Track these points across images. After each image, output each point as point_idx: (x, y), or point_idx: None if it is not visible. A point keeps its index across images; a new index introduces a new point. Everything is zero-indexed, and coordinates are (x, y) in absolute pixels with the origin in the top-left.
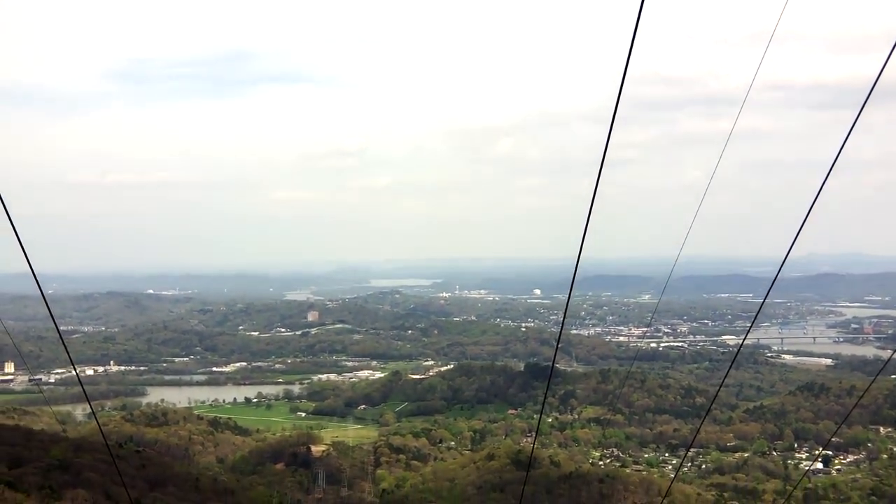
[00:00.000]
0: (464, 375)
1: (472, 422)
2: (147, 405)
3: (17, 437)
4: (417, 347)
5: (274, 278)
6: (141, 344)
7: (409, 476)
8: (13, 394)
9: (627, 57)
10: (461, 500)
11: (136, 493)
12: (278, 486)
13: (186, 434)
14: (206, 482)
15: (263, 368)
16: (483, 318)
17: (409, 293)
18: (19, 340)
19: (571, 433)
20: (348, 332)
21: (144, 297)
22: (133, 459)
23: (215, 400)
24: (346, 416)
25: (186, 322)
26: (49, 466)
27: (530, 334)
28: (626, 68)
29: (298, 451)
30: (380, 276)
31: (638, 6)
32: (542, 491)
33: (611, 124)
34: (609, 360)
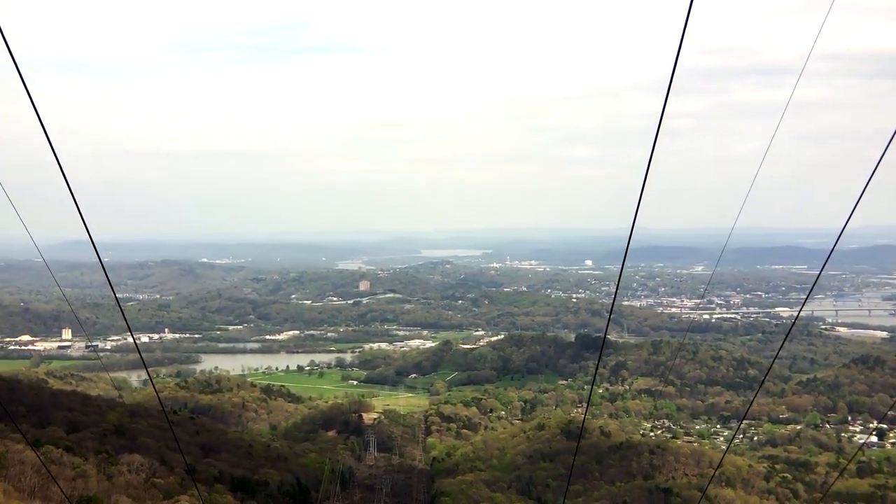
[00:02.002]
0: (514, 346)
1: (522, 392)
2: (201, 372)
3: (75, 403)
4: (468, 317)
5: (326, 247)
6: (195, 312)
7: (460, 445)
8: (70, 360)
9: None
10: (511, 470)
11: (190, 459)
12: (330, 453)
13: (240, 401)
14: (259, 449)
15: (316, 337)
16: (534, 288)
17: (460, 263)
18: (76, 307)
19: (622, 404)
20: (399, 302)
21: (198, 266)
22: (187, 426)
23: (268, 368)
24: (396, 385)
25: (240, 290)
26: (105, 431)
27: (581, 305)
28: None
29: (350, 419)
30: (431, 247)
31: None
32: (593, 461)
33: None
34: (661, 332)
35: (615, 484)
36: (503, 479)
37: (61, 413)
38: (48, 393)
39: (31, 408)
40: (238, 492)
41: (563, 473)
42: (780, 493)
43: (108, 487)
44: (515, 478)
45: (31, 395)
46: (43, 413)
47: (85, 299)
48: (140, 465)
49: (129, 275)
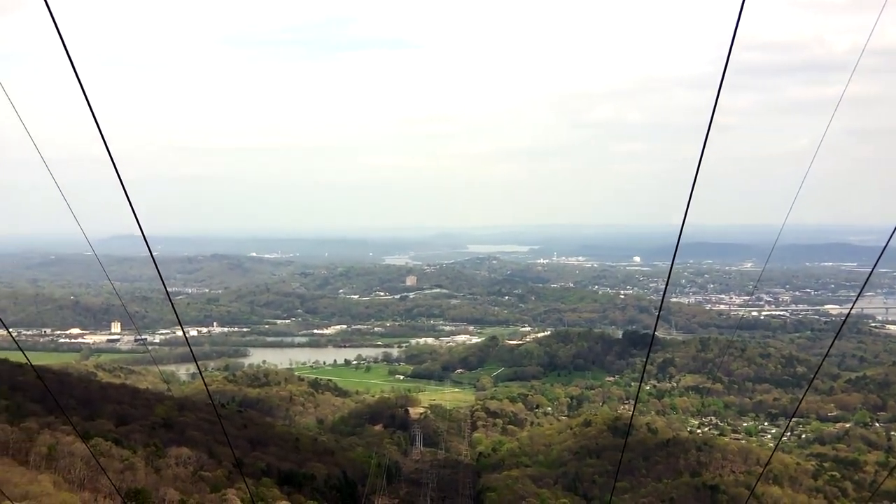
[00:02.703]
0: (561, 342)
1: (568, 388)
2: (249, 366)
3: (124, 396)
4: (514, 313)
5: (373, 243)
6: (243, 306)
7: (506, 440)
8: (119, 353)
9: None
10: (557, 466)
11: (238, 453)
12: (376, 448)
13: (287, 395)
14: (306, 442)
15: (362, 331)
16: (581, 284)
17: (507, 259)
18: (126, 301)
19: (669, 401)
20: (446, 297)
21: (247, 260)
22: (235, 419)
23: (315, 361)
24: (443, 380)
25: (288, 285)
26: (154, 424)
27: (629, 301)
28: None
29: (396, 413)
30: (477, 242)
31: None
32: (639, 458)
33: (718, 90)
34: (709, 329)
35: (662, 481)
36: (549, 475)
37: (110, 406)
38: (97, 386)
39: (81, 400)
40: (285, 485)
41: (609, 470)
42: (829, 491)
43: (156, 480)
44: (561, 474)
45: (81, 387)
46: (92, 406)
47: (134, 293)
48: (188, 458)
49: (179, 269)
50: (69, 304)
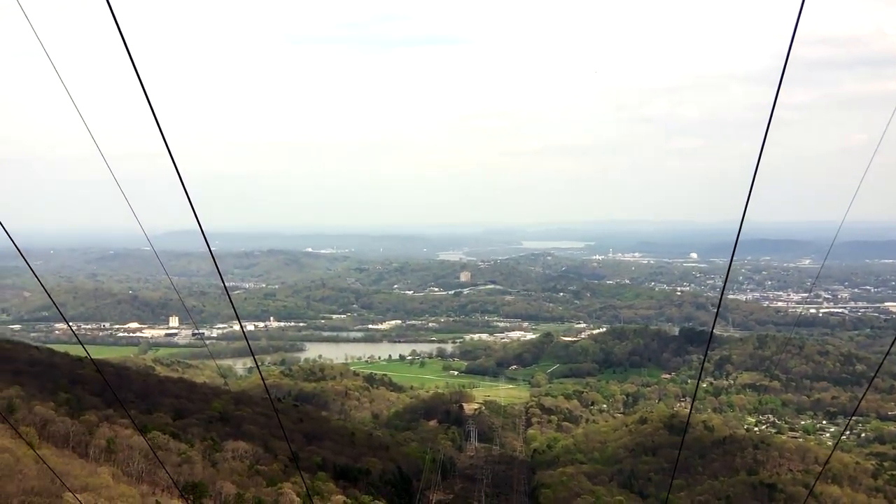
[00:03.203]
0: (616, 339)
1: (624, 385)
2: (305, 361)
3: (181, 390)
4: (569, 310)
5: (427, 238)
6: (300, 301)
7: (561, 437)
8: (177, 347)
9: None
10: (612, 463)
11: (294, 447)
12: (431, 443)
13: (342, 389)
14: (362, 437)
15: (417, 327)
16: (637, 281)
17: (562, 255)
18: (183, 295)
19: (726, 398)
20: (500, 293)
21: (303, 255)
22: (291, 413)
23: (371, 356)
24: (497, 376)
25: (343, 280)
26: (211, 418)
27: (686, 298)
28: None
29: (451, 409)
30: (532, 238)
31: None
32: (695, 455)
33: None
34: (766, 326)
35: (718, 479)
36: (604, 472)
37: (168, 399)
38: (155, 380)
39: (139, 394)
40: (340, 480)
41: (665, 467)
42: (889, 491)
43: (212, 474)
44: (617, 471)
45: (139, 381)
46: (150, 399)
47: (192, 288)
48: (244, 452)
49: (236, 264)
50: (128, 299)
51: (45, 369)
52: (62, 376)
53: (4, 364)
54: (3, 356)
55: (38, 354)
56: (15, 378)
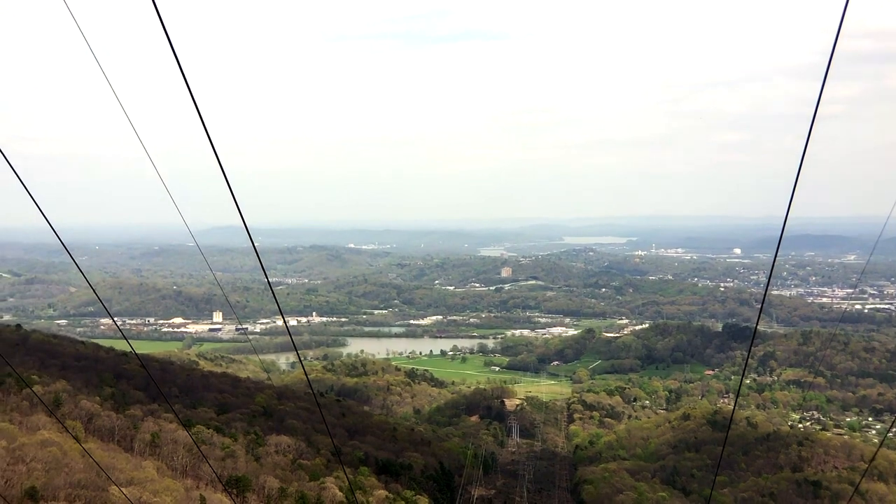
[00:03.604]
0: (659, 335)
1: (667, 381)
2: (347, 356)
3: (225, 384)
4: (611, 305)
5: (468, 234)
6: (342, 296)
7: (603, 433)
8: (221, 342)
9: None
10: (655, 459)
11: (336, 441)
12: (473, 438)
13: (384, 384)
14: (403, 432)
15: (458, 322)
16: (680, 277)
17: (604, 251)
18: (227, 291)
19: (770, 395)
20: (541, 289)
21: (345, 251)
22: (333, 408)
23: (412, 352)
24: (538, 372)
25: (385, 275)
26: (254, 413)
27: (729, 294)
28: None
29: (492, 404)
30: (573, 234)
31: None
32: (739, 452)
33: (823, 79)
34: (811, 322)
35: (762, 476)
36: (647, 469)
37: (212, 394)
38: (199, 374)
39: (183, 389)
40: (383, 474)
41: (708, 464)
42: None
43: (256, 468)
44: (659, 467)
45: (184, 376)
46: (194, 394)
47: (235, 283)
48: (287, 446)
49: (279, 259)
50: (172, 294)
51: (91, 364)
52: (107, 371)
53: (51, 359)
54: (49, 351)
55: (83, 349)
56: (61, 373)
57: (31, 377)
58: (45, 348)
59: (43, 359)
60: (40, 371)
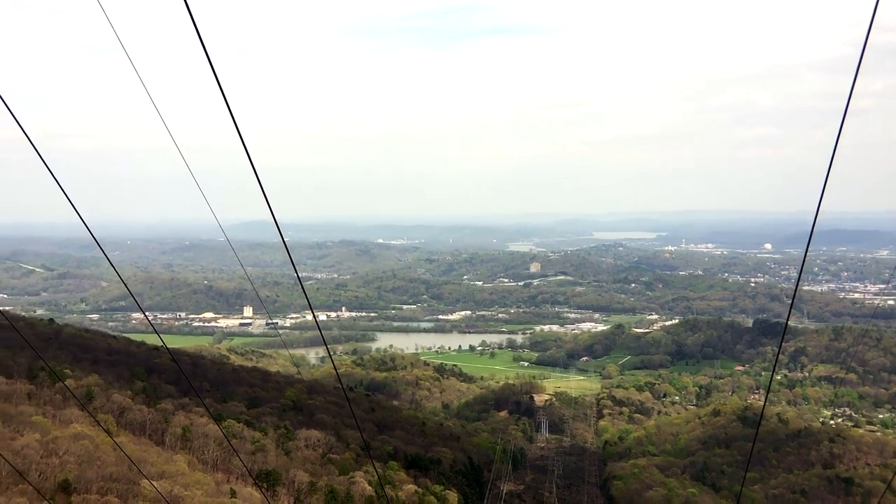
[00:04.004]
0: (689, 330)
1: (696, 377)
2: (376, 350)
3: (255, 379)
4: (641, 301)
5: (497, 229)
6: (371, 291)
7: (632, 429)
8: (251, 337)
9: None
10: (685, 455)
11: (366, 436)
12: (502, 434)
13: (413, 379)
14: (432, 427)
15: (487, 317)
16: (710, 272)
17: (633, 246)
18: (257, 286)
19: (801, 391)
20: (570, 284)
21: (374, 246)
22: (363, 402)
23: (441, 347)
24: (567, 367)
25: (414, 271)
26: (284, 407)
27: (759, 290)
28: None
29: (521, 400)
30: (603, 229)
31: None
32: (769, 448)
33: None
34: (842, 318)
35: (793, 472)
36: (676, 465)
37: (242, 388)
38: (230, 369)
39: (214, 383)
40: (412, 469)
41: (738, 460)
42: None
43: (286, 462)
44: (689, 463)
45: (214, 370)
46: (225, 388)
47: (265, 278)
48: (317, 440)
49: (309, 254)
50: (203, 289)
51: (123, 358)
52: (139, 365)
53: (83, 353)
54: (82, 345)
55: (115, 344)
56: (93, 367)
57: (63, 371)
58: (78, 342)
59: (75, 353)
60: (73, 365)
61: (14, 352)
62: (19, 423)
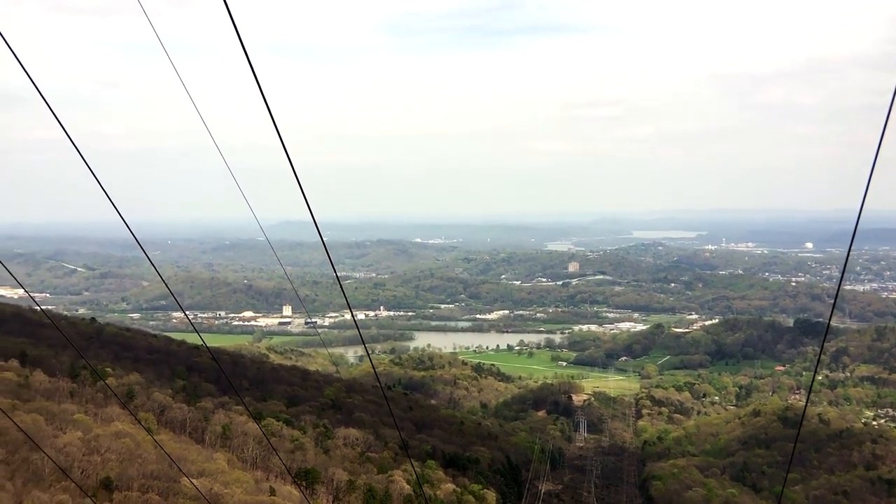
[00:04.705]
0: (729, 330)
1: (736, 377)
2: (414, 349)
3: (294, 377)
4: (680, 301)
5: (535, 228)
6: (409, 290)
7: (671, 429)
8: (290, 335)
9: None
10: (724, 455)
11: (404, 435)
12: (540, 433)
13: (451, 378)
14: (470, 426)
15: (525, 317)
16: (750, 271)
17: (673, 245)
18: (296, 285)
19: (843, 391)
20: (609, 284)
21: (412, 245)
22: (401, 401)
23: (479, 346)
24: (606, 367)
25: (451, 270)
26: (323, 406)
27: (800, 289)
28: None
29: (560, 399)
30: (642, 228)
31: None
32: (811, 449)
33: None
34: (885, 318)
35: (835, 473)
36: (716, 465)
37: (281, 387)
38: (269, 367)
39: (254, 381)
40: (450, 468)
41: (779, 461)
42: None
43: (324, 460)
44: (729, 464)
45: (254, 369)
46: (264, 387)
47: (304, 277)
48: (355, 439)
49: (347, 253)
50: (242, 288)
51: (163, 357)
52: (179, 364)
53: (124, 352)
54: (123, 344)
55: (156, 342)
56: (134, 365)
57: (105, 370)
58: (119, 341)
59: (117, 352)
60: (114, 364)
61: (56, 350)
62: (62, 421)
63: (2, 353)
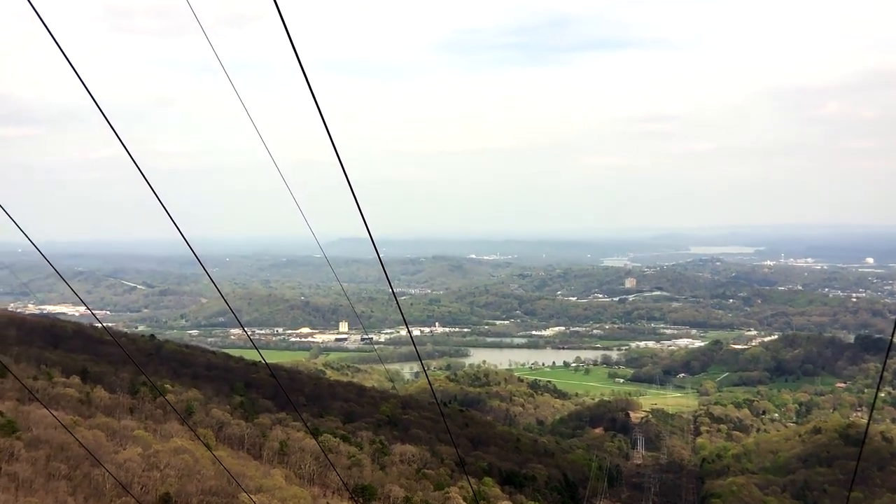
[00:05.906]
0: (788, 346)
1: (796, 394)
2: (470, 366)
3: (351, 393)
4: (739, 317)
5: (591, 244)
6: (464, 306)
7: (730, 446)
8: (347, 352)
9: None
10: (784, 473)
11: (460, 451)
12: (597, 450)
13: (507, 395)
14: (527, 443)
15: (581, 333)
16: (810, 287)
17: (731, 261)
18: (353, 301)
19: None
20: (666, 300)
21: (467, 262)
22: (457, 418)
23: (534, 363)
24: (664, 384)
25: (506, 286)
26: (379, 422)
27: (861, 305)
28: None
29: (617, 417)
30: (699, 243)
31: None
32: (874, 467)
33: None
34: None
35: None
36: (776, 483)
37: (338, 403)
38: (326, 383)
39: (311, 397)
40: (506, 485)
41: (840, 479)
42: None
43: (381, 477)
44: (789, 482)
45: (311, 385)
46: (321, 403)
47: (360, 294)
48: (412, 455)
49: (402, 270)
50: (299, 305)
51: (222, 373)
52: (237, 380)
53: (183, 368)
54: (182, 360)
55: (214, 359)
56: (193, 381)
57: (164, 386)
58: (178, 358)
59: (176, 368)
60: (173, 380)
61: (117, 367)
62: (122, 437)
63: (64, 370)
